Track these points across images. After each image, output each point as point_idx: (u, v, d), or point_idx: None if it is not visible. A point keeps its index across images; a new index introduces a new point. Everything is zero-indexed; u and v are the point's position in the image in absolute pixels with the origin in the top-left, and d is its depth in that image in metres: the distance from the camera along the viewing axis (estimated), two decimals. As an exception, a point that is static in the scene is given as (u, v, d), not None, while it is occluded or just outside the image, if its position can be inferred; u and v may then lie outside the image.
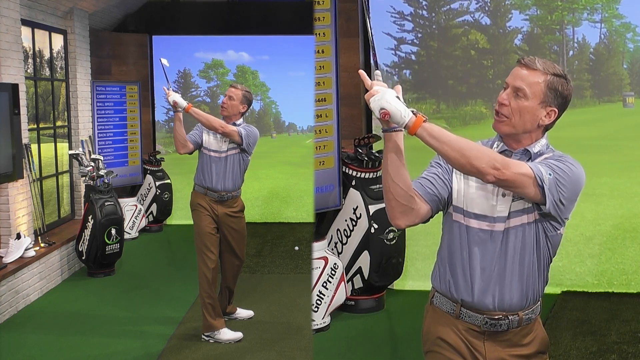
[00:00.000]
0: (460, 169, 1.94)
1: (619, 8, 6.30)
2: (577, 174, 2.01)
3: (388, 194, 2.02)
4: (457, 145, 1.87)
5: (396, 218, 2.05)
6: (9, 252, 5.40)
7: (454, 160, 1.89)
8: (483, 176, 1.89)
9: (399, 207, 2.02)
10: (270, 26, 8.75)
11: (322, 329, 4.86)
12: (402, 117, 1.87)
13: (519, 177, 1.91)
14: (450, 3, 6.48)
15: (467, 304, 2.08)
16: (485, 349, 2.10)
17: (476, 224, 2.06)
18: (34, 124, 6.40)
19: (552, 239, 2.08)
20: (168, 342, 4.67)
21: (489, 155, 1.90)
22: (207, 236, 4.63)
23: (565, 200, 1.99)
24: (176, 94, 4.54)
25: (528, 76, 2.02)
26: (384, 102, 1.87)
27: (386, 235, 5.15)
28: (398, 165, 1.97)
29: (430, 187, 2.08)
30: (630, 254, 5.91)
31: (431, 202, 2.07)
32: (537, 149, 2.07)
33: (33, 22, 6.33)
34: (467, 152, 1.87)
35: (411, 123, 1.87)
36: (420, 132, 1.87)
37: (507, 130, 2.05)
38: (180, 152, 4.66)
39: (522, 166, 1.93)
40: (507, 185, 1.93)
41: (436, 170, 2.12)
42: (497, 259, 2.04)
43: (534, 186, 1.93)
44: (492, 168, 1.87)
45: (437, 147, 1.88)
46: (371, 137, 5.31)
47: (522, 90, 2.01)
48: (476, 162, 1.87)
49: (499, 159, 1.90)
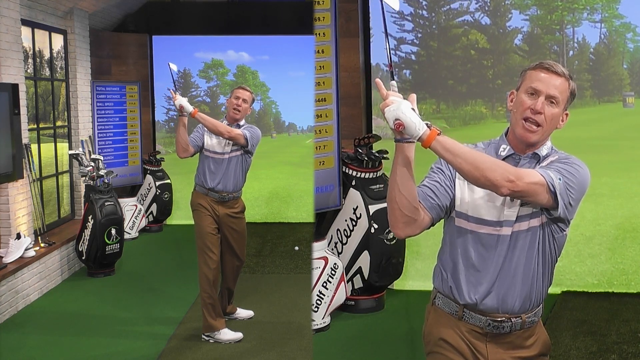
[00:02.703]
0: (474, 182, 1.92)
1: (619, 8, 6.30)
2: (583, 174, 2.01)
3: (393, 204, 2.01)
4: (471, 158, 1.87)
5: (398, 228, 2.05)
6: (9, 252, 5.40)
7: (468, 173, 1.88)
8: (497, 189, 1.89)
9: (403, 217, 2.02)
10: (270, 26, 8.75)
11: (322, 329, 4.86)
12: (416, 129, 1.86)
13: (532, 186, 1.90)
14: (450, 3, 6.48)
15: (470, 306, 2.08)
16: (488, 351, 2.10)
17: (482, 228, 2.05)
18: (34, 124, 6.40)
19: (559, 240, 2.08)
20: (168, 342, 4.67)
21: (502, 167, 1.89)
22: (208, 236, 4.63)
23: (574, 201, 1.99)
24: (183, 98, 4.52)
25: (558, 83, 2.01)
26: (399, 113, 1.86)
27: (386, 235, 5.15)
28: (407, 177, 1.97)
29: (432, 196, 2.07)
30: (630, 254, 5.91)
31: (432, 212, 2.07)
32: (545, 152, 2.07)
33: (33, 22, 6.32)
34: (481, 165, 1.87)
35: (425, 136, 1.86)
36: (434, 145, 1.86)
37: (537, 139, 2.03)
38: (180, 156, 4.66)
39: (533, 175, 1.93)
40: (521, 195, 1.92)
41: (438, 177, 2.11)
42: (503, 263, 2.04)
43: (546, 193, 1.93)
44: (506, 180, 1.87)
45: (451, 160, 1.88)
46: (371, 137, 5.31)
47: (556, 98, 2.01)
48: (490, 174, 1.86)
49: (512, 171, 1.89)
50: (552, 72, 2.02)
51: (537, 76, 2.03)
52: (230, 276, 4.93)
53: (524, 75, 2.07)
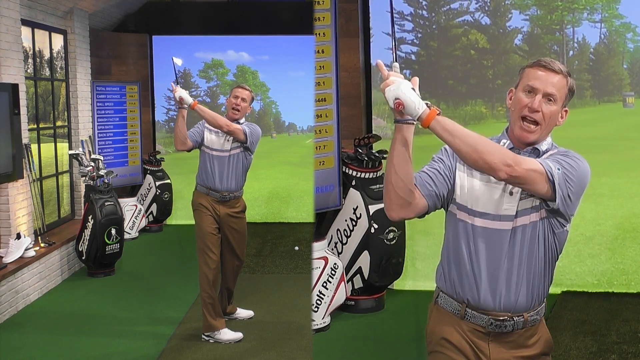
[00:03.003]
0: (472, 165, 1.92)
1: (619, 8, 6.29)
2: (583, 168, 2.01)
3: (389, 185, 2.00)
4: (470, 140, 1.86)
5: (392, 210, 2.04)
6: (9, 252, 5.40)
7: (466, 154, 1.87)
8: (495, 172, 1.88)
9: (398, 199, 2.01)
10: (270, 26, 8.75)
11: (322, 329, 4.86)
12: (416, 108, 1.86)
13: (530, 173, 1.90)
14: (450, 3, 6.48)
15: (473, 304, 2.07)
16: (490, 350, 2.10)
17: (482, 222, 2.04)
18: (34, 124, 6.40)
19: (559, 235, 2.07)
20: (168, 342, 4.67)
21: (501, 151, 1.89)
22: (208, 236, 4.63)
23: (573, 195, 1.98)
24: (183, 90, 4.51)
25: (555, 80, 2.01)
26: (399, 92, 1.86)
27: (386, 235, 5.15)
28: (404, 158, 1.96)
29: (429, 182, 2.06)
30: (630, 254, 5.91)
31: (428, 199, 2.06)
32: (545, 147, 2.07)
33: (33, 22, 6.32)
34: (479, 147, 1.86)
35: (425, 115, 1.85)
36: (433, 124, 1.86)
37: (535, 139, 2.03)
38: (178, 149, 4.64)
39: (532, 162, 1.92)
40: (519, 182, 1.91)
41: (437, 166, 2.10)
42: (504, 258, 2.03)
43: (545, 182, 1.92)
44: (505, 165, 1.86)
45: (450, 140, 1.87)
46: (371, 137, 5.31)
47: (553, 96, 2.01)
48: (488, 157, 1.85)
49: (511, 156, 1.89)
50: (549, 69, 2.02)
51: (535, 74, 2.03)
52: (230, 276, 4.92)
53: (522, 73, 2.07)
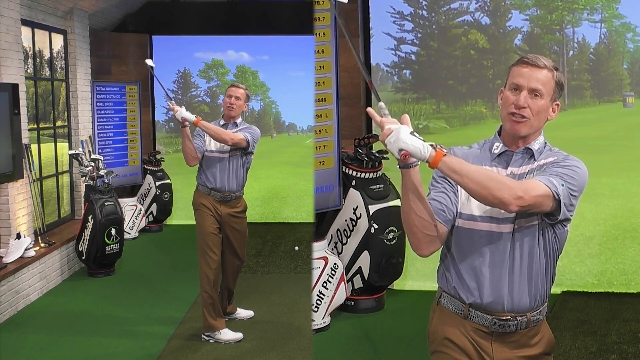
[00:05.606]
0: (482, 201, 1.93)
1: (619, 8, 6.28)
2: (582, 175, 2.02)
3: (413, 228, 2.01)
4: (477, 177, 1.87)
5: (422, 249, 2.06)
6: (9, 252, 5.40)
7: (475, 192, 1.88)
8: (507, 207, 1.89)
9: (425, 238, 2.03)
10: (270, 26, 8.75)
11: (322, 329, 4.86)
12: (422, 153, 1.84)
13: (539, 199, 1.92)
14: (450, 3, 6.48)
15: (476, 305, 2.08)
16: (493, 350, 2.10)
17: (484, 226, 2.05)
18: (34, 124, 6.40)
19: (560, 235, 2.09)
20: (168, 342, 4.67)
21: (509, 185, 1.89)
22: (209, 236, 4.63)
23: (575, 200, 2.01)
24: (183, 109, 4.48)
25: (540, 75, 2.02)
26: (401, 143, 1.83)
27: (386, 235, 5.15)
28: (420, 200, 1.97)
29: (443, 209, 2.08)
30: (630, 254, 5.91)
31: (447, 224, 2.08)
32: (537, 147, 2.08)
33: (33, 22, 6.33)
34: (488, 184, 1.87)
35: (431, 159, 1.85)
36: (440, 166, 1.86)
37: (527, 131, 2.04)
38: (191, 165, 4.68)
39: (538, 187, 1.93)
40: (529, 209, 1.93)
41: (442, 187, 2.11)
42: (507, 260, 2.04)
43: (551, 201, 1.95)
44: (515, 198, 1.87)
45: (458, 180, 1.88)
46: (371, 137, 5.31)
47: (539, 91, 2.01)
48: (498, 193, 1.86)
49: (518, 187, 1.89)
50: (532, 65, 2.03)
51: (519, 71, 2.04)
52: (231, 276, 4.93)
53: (509, 72, 2.09)
